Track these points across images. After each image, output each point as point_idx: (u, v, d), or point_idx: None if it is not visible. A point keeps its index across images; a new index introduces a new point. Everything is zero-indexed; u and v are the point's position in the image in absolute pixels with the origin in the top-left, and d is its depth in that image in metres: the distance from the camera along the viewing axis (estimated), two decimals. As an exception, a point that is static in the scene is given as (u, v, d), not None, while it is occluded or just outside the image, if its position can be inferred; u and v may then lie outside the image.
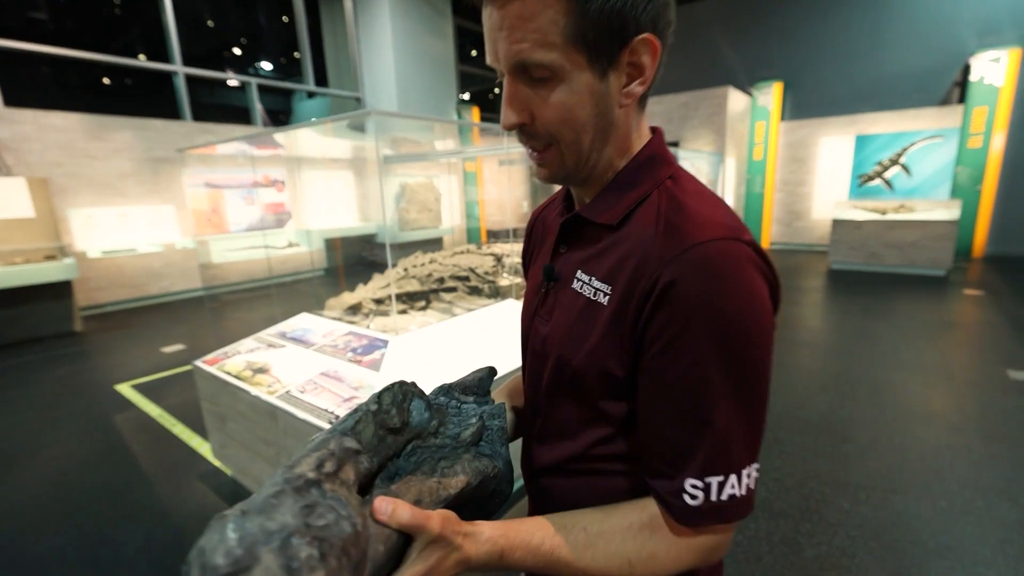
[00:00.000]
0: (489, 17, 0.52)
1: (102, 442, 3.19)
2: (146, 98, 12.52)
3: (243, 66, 15.11)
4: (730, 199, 10.55)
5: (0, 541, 2.30)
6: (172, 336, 5.52)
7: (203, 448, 3.06)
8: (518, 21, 0.50)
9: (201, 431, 3.25)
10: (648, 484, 0.57)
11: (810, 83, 10.51)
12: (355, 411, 0.55)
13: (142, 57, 8.26)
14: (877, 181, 9.56)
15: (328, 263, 9.82)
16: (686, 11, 11.82)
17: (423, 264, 4.25)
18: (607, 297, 0.57)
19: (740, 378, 0.51)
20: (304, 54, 10.07)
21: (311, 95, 19.06)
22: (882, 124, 9.47)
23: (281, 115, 15.45)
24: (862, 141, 9.57)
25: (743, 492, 0.53)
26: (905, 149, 9.14)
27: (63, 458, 3.01)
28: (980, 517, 2.18)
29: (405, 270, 4.18)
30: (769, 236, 11.12)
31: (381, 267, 10.83)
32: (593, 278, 0.60)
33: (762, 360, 0.52)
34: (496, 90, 16.87)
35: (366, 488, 0.50)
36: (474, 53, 15.37)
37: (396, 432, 0.56)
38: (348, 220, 10.30)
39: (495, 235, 12.35)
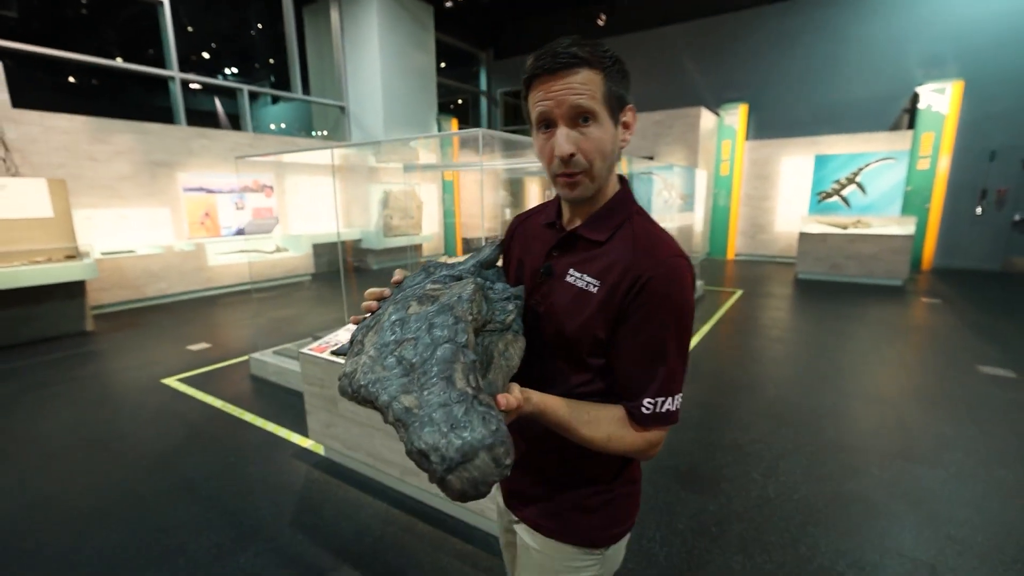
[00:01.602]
0: (554, 82, 0.80)
1: (179, 429, 3.33)
2: (112, 100, 12.24)
3: (210, 71, 14.90)
4: (701, 211, 11.19)
5: (133, 511, 2.46)
6: (190, 335, 5.58)
7: (281, 432, 3.26)
8: (580, 84, 0.79)
9: (274, 417, 3.45)
10: (619, 401, 0.89)
11: (773, 106, 11.29)
12: (456, 320, 0.76)
13: (119, 60, 8.12)
14: (835, 198, 10.34)
15: (315, 268, 9.87)
16: (657, 34, 12.49)
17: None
18: (596, 288, 0.87)
19: (681, 340, 0.85)
20: (292, 63, 10.15)
21: (275, 100, 18.83)
22: (839, 146, 10.31)
23: (239, 119, 15.34)
24: (821, 161, 10.34)
25: (675, 408, 0.86)
26: (861, 169, 9.94)
27: (149, 443, 3.16)
28: (986, 481, 2.65)
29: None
30: (734, 247, 11.82)
31: (365, 272, 10.84)
32: (584, 275, 0.89)
33: (691, 331, 0.87)
34: (459, 100, 17.12)
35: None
36: (443, 64, 15.68)
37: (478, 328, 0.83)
38: (334, 226, 10.35)
39: (468, 242, 12.60)
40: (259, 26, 14.48)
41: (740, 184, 11.56)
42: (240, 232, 8.52)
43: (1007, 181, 9.02)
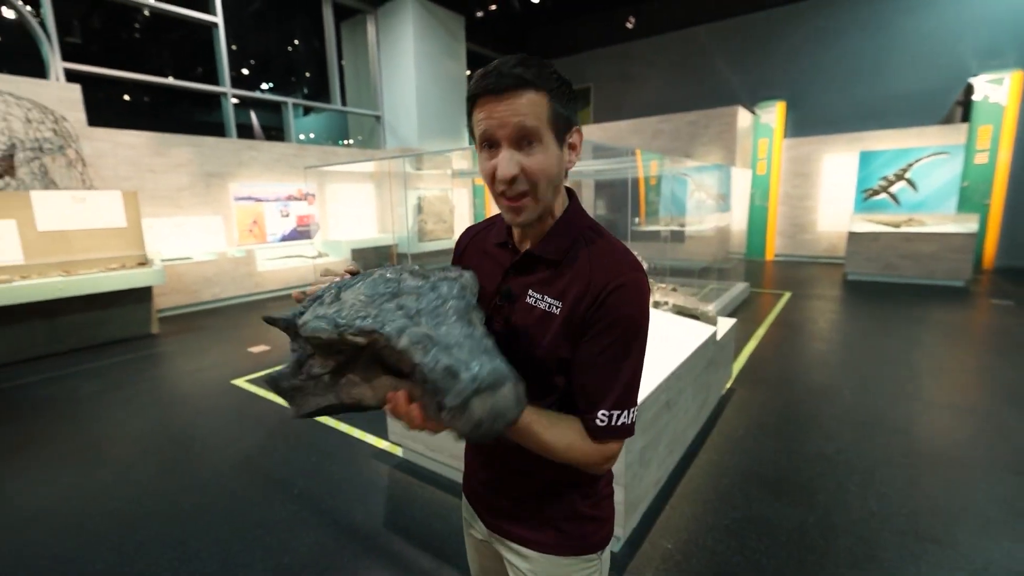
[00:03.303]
0: (499, 103, 0.78)
1: (257, 429, 3.47)
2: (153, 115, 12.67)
3: (248, 86, 15.32)
4: (742, 210, 10.95)
5: (232, 508, 2.56)
6: (248, 338, 5.79)
7: (355, 433, 3.37)
8: (524, 105, 0.77)
9: (345, 418, 3.52)
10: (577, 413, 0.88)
11: (812, 102, 11.00)
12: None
13: (170, 78, 8.38)
14: (883, 195, 9.98)
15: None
16: (686, 34, 12.32)
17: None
18: (558, 309, 0.86)
19: (636, 355, 0.85)
20: (333, 76, 10.40)
21: (307, 111, 19.13)
22: (886, 141, 9.98)
23: (273, 131, 15.67)
24: (866, 157, 9.92)
25: (630, 421, 0.85)
26: (911, 165, 9.55)
27: (232, 442, 3.29)
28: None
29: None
30: (773, 247, 11.53)
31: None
32: (545, 296, 0.88)
33: (645, 347, 0.87)
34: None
35: None
36: (468, 72, 15.79)
37: None
38: (370, 232, 10.58)
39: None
40: (295, 42, 14.88)
41: (778, 183, 11.27)
42: (286, 238, 8.71)
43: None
